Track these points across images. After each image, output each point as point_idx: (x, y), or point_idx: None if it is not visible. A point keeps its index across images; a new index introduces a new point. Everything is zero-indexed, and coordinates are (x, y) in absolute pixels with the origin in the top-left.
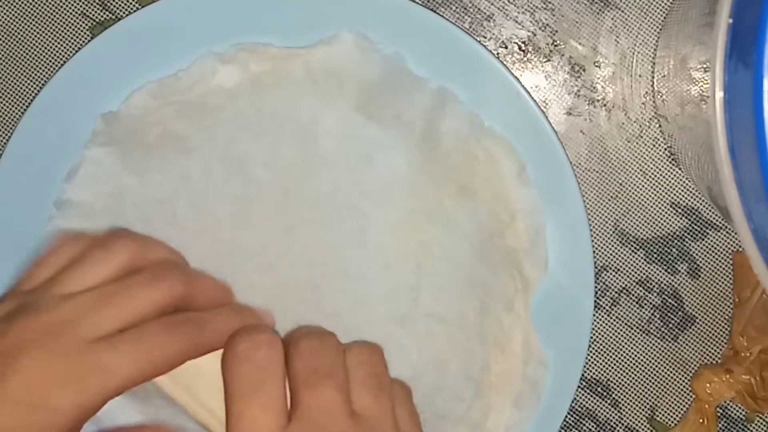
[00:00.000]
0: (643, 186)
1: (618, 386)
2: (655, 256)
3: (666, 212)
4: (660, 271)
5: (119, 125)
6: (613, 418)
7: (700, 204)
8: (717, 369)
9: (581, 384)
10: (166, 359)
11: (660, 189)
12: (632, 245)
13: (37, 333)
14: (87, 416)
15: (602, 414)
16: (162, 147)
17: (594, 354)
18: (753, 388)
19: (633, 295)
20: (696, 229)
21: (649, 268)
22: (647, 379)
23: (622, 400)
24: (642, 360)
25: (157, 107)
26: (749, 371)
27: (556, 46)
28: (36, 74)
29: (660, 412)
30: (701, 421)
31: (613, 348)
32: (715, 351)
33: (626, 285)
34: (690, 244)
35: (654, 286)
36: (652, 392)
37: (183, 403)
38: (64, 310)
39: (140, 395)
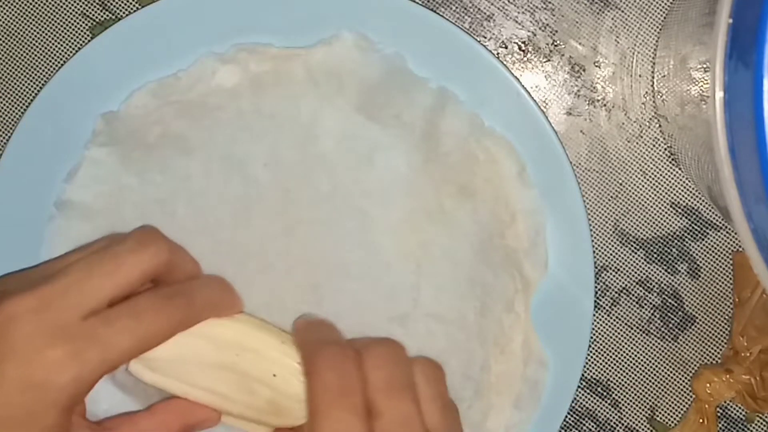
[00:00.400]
0: (643, 186)
1: (618, 386)
2: (655, 256)
3: (666, 212)
4: (660, 271)
5: (119, 125)
6: (613, 418)
7: (700, 204)
8: (717, 369)
9: (581, 384)
10: (160, 332)
11: (660, 189)
12: (632, 245)
13: (29, 309)
14: (86, 391)
15: (602, 414)
16: (162, 147)
17: (594, 354)
18: (753, 388)
19: (633, 295)
20: (696, 229)
21: (649, 268)
22: (647, 379)
23: (622, 400)
24: (642, 360)
25: (157, 107)
26: (749, 371)
27: (556, 46)
28: (36, 74)
29: (660, 412)
30: (701, 421)
31: (613, 348)
32: (715, 351)
33: (626, 285)
34: (690, 244)
35: (654, 286)
36: (652, 392)
37: (182, 392)
38: (54, 285)
39: (141, 396)
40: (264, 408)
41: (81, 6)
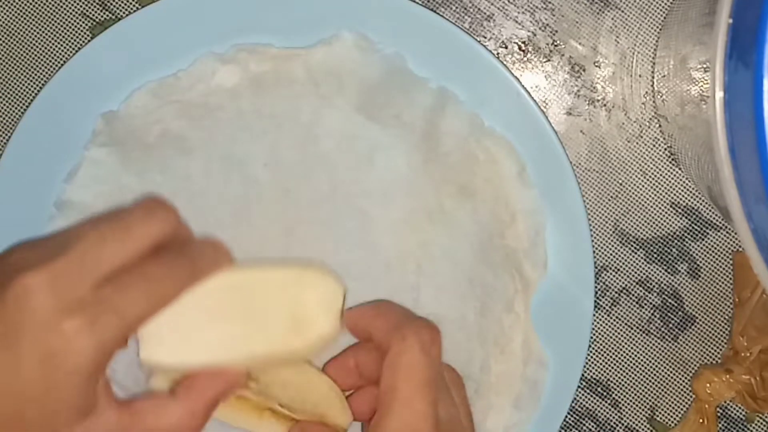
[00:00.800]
0: (643, 186)
1: (618, 386)
2: (655, 256)
3: (666, 212)
4: (660, 271)
5: (119, 125)
6: (613, 418)
7: (700, 204)
8: (717, 369)
9: (581, 384)
10: (170, 293)
11: (660, 189)
12: (632, 245)
13: (44, 282)
14: (106, 361)
15: (602, 414)
16: (162, 147)
17: (594, 354)
18: (753, 388)
19: (633, 295)
20: (696, 229)
21: (649, 268)
22: (647, 379)
23: (622, 400)
24: (642, 360)
25: (157, 107)
26: (749, 371)
27: (556, 46)
28: (36, 74)
29: (660, 412)
30: (701, 421)
31: (613, 348)
32: (715, 351)
33: (626, 285)
34: (690, 244)
35: (654, 286)
36: (652, 392)
37: (205, 362)
38: (68, 256)
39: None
40: (284, 331)
41: (81, 6)
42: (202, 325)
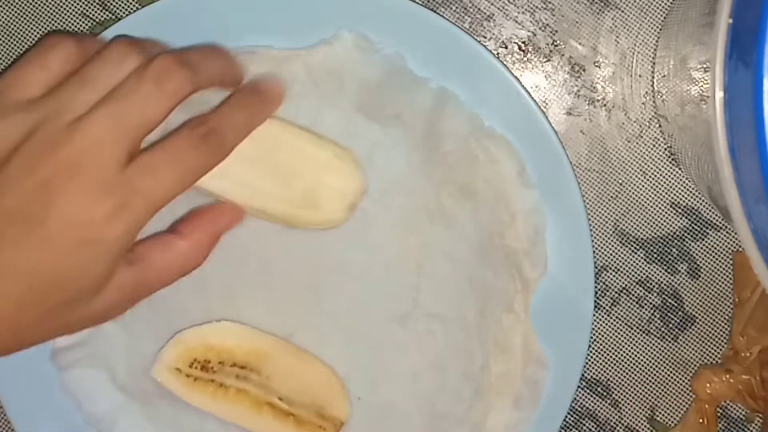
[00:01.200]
0: (643, 186)
1: (618, 386)
2: (655, 256)
3: (666, 212)
4: (660, 271)
5: None
6: (613, 418)
7: (700, 204)
8: (717, 369)
9: (581, 384)
10: (198, 171)
11: (660, 189)
12: (632, 245)
13: (64, 167)
14: (134, 238)
15: (602, 414)
16: None
17: (594, 354)
18: (753, 388)
19: (633, 295)
20: (696, 229)
21: (649, 268)
22: (647, 379)
23: (622, 400)
24: (642, 360)
25: None
26: (749, 371)
27: (556, 46)
28: None
29: (660, 412)
30: (701, 421)
31: (613, 348)
32: (715, 351)
33: (626, 285)
34: (690, 244)
35: (654, 286)
36: (652, 392)
37: (214, 187)
38: (82, 139)
39: (142, 398)
40: (299, 201)
41: (81, 6)
42: (229, 159)
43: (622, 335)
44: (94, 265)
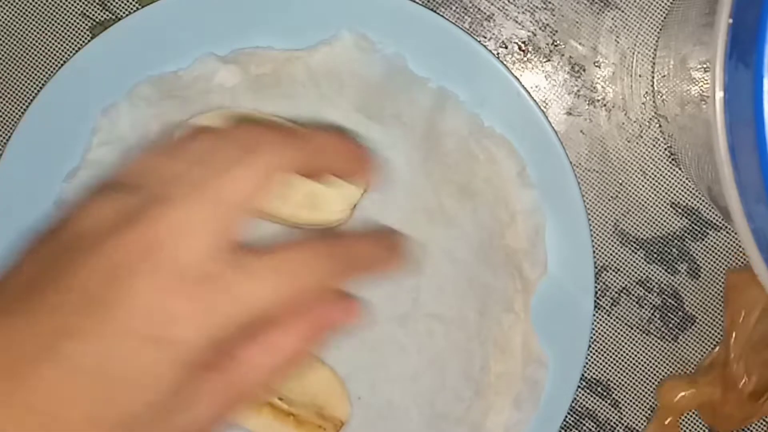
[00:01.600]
0: (643, 186)
1: (618, 386)
2: (655, 256)
3: (666, 212)
4: (660, 271)
5: (120, 120)
6: (613, 418)
7: (700, 204)
8: (682, 379)
9: (581, 384)
10: (302, 292)
11: (660, 189)
12: (632, 245)
13: (147, 249)
14: (210, 353)
15: (602, 414)
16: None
17: (594, 354)
18: (714, 402)
19: (633, 295)
20: (696, 229)
21: (649, 268)
22: (647, 379)
23: (622, 400)
24: (642, 360)
25: (158, 99)
26: (712, 384)
27: (556, 46)
28: (36, 74)
29: None
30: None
31: (613, 348)
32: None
33: (626, 285)
34: (690, 244)
35: (654, 286)
36: (652, 392)
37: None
38: (159, 223)
39: None
40: (300, 201)
41: (81, 6)
42: None
43: (622, 335)
44: (158, 372)
